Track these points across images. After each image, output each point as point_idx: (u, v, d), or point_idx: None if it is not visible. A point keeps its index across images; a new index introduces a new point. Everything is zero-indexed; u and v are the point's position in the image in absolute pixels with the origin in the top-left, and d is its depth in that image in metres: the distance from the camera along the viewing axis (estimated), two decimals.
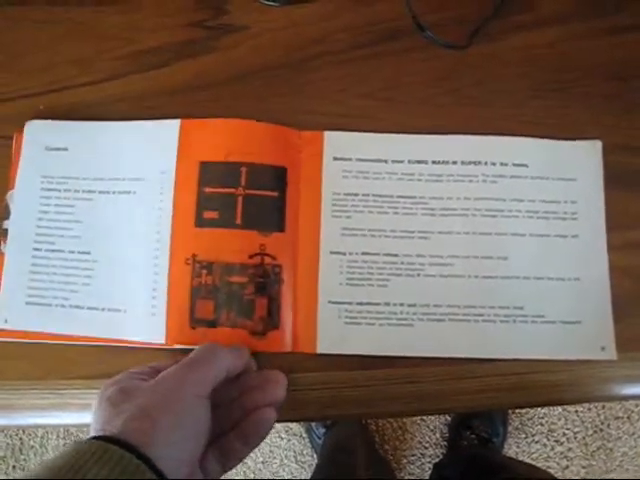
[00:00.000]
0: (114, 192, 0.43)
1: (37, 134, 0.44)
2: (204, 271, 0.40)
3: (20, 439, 1.14)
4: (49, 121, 0.44)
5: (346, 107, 0.45)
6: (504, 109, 0.44)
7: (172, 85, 0.45)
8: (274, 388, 0.37)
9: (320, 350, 0.40)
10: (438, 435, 1.10)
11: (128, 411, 0.31)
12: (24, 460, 1.13)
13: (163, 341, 0.40)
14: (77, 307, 0.41)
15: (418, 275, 0.42)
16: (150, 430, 0.30)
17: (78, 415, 0.41)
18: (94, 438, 0.29)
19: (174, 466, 0.30)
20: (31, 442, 1.14)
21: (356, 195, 0.43)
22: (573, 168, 0.43)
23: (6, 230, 0.43)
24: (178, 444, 0.31)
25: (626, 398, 0.43)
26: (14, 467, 1.13)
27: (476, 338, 0.41)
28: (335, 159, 0.43)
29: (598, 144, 0.43)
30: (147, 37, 0.46)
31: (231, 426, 0.36)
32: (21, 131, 0.44)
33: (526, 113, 0.44)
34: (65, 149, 0.44)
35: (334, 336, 0.41)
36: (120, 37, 0.46)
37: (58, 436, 1.13)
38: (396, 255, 0.42)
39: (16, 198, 0.43)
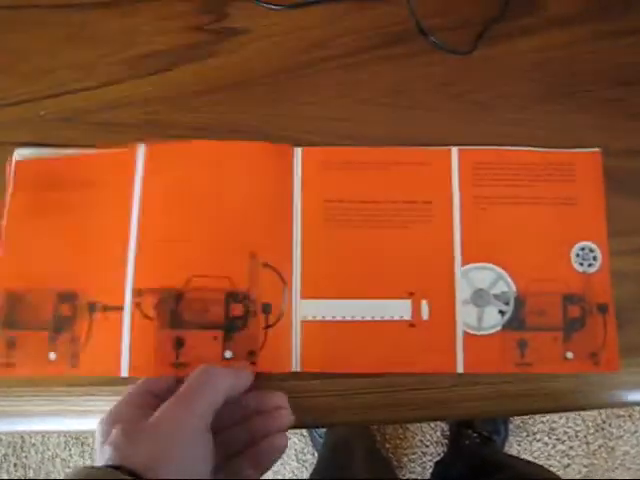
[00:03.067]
0: None
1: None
2: None
3: (21, 437, 1.14)
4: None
5: (348, 112, 0.44)
6: (508, 114, 0.44)
7: (174, 89, 0.45)
8: (282, 415, 0.37)
9: None
10: (439, 433, 1.11)
11: (131, 462, 0.30)
12: (25, 457, 1.13)
13: None
14: None
15: None
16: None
17: (78, 421, 0.41)
18: (109, 466, 0.29)
19: None
20: (32, 440, 1.14)
21: None
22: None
23: None
24: None
25: (629, 404, 0.43)
26: (15, 465, 1.13)
27: None
28: None
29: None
30: (148, 41, 0.46)
31: (238, 449, 0.36)
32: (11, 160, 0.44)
33: (530, 118, 0.44)
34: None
35: None
36: (122, 41, 0.46)
37: (59, 434, 1.13)
38: None
39: None
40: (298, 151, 0.43)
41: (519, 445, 1.10)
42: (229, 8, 0.46)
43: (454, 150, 0.43)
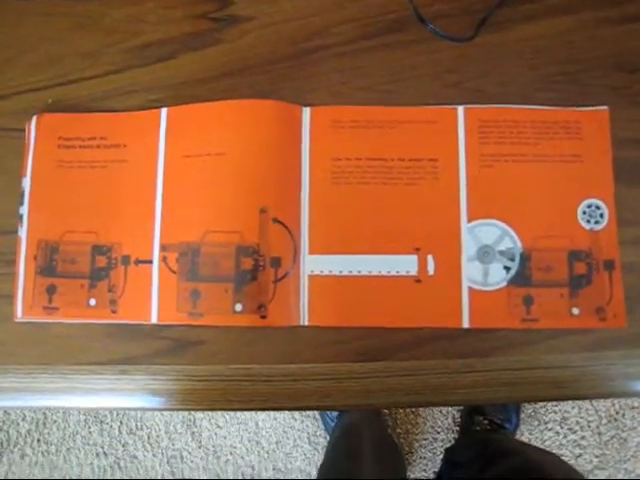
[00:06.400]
0: None
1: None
2: None
3: (44, 414, 1.18)
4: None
5: (348, 99, 0.44)
6: (509, 102, 0.44)
7: (178, 78, 0.46)
8: None
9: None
10: (450, 420, 1.11)
11: None
12: (47, 434, 1.18)
13: None
14: None
15: None
16: None
17: (84, 399, 0.43)
18: None
19: None
20: (54, 417, 1.18)
21: None
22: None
23: (22, 216, 0.44)
24: None
25: (629, 395, 0.43)
26: (38, 440, 1.18)
27: None
28: None
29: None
30: (153, 30, 0.46)
31: None
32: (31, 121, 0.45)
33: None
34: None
35: None
36: (126, 30, 0.46)
37: (79, 412, 1.17)
38: None
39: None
40: (306, 111, 0.44)
41: (530, 434, 1.09)
42: None
43: (460, 109, 0.43)
